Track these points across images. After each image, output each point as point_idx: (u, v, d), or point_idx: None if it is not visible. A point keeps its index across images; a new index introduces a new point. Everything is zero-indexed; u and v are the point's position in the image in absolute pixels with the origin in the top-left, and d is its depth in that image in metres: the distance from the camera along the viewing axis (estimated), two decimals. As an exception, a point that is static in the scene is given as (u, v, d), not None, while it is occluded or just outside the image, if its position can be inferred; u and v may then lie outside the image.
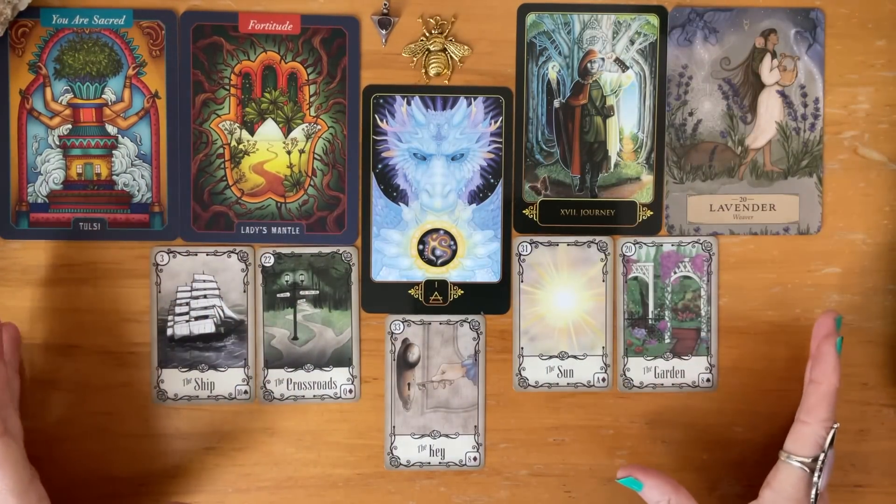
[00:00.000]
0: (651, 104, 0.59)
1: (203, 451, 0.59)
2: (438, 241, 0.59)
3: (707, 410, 0.60)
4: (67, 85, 0.57)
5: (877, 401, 0.60)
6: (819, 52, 0.59)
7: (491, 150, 0.59)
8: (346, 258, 0.59)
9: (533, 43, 0.58)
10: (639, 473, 0.54)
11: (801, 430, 0.51)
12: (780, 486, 0.51)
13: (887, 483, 0.60)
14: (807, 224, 0.60)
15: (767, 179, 0.59)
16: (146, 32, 0.57)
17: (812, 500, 0.50)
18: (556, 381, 0.59)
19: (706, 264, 0.60)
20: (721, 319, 0.60)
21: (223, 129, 0.58)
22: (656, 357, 0.60)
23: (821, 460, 0.50)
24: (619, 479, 0.54)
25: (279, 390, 0.59)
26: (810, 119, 0.59)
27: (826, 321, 0.53)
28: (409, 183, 0.59)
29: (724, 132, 0.59)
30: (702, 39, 0.59)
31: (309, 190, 0.58)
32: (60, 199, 0.58)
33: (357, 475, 0.59)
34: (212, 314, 0.58)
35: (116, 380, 0.58)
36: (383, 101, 0.58)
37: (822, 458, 0.50)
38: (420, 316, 0.59)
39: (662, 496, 0.53)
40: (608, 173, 0.59)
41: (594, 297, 0.59)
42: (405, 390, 0.59)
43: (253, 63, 0.58)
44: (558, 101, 0.59)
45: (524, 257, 0.59)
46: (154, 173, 0.58)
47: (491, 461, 0.60)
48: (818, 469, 0.50)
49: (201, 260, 0.58)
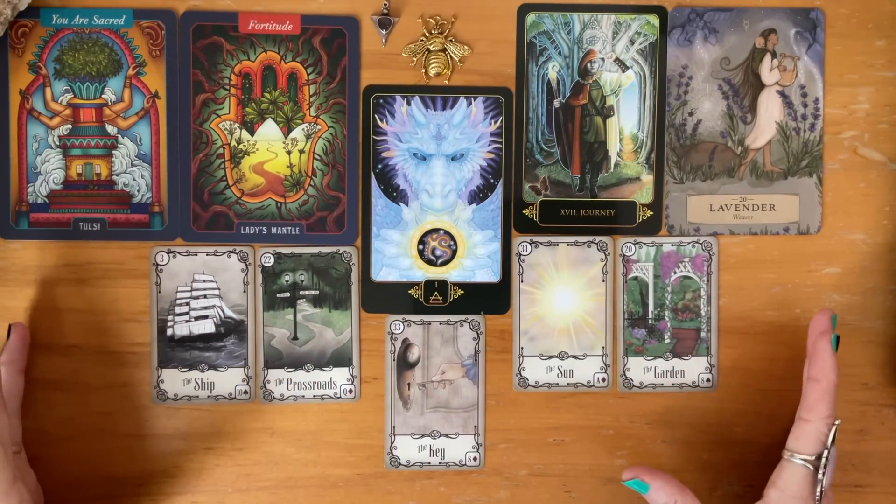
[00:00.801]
0: (651, 104, 0.59)
1: (203, 451, 0.59)
2: (438, 241, 0.59)
3: (707, 410, 0.60)
4: (67, 85, 0.57)
5: (877, 401, 0.60)
6: (819, 52, 0.59)
7: (491, 150, 0.59)
8: (346, 258, 0.59)
9: (533, 43, 0.58)
10: (645, 475, 0.54)
11: (803, 429, 0.51)
12: (784, 485, 0.51)
13: (887, 483, 0.60)
14: (807, 224, 0.60)
15: (767, 179, 0.59)
16: (146, 32, 0.57)
17: (817, 498, 0.51)
18: (556, 381, 0.59)
19: (706, 264, 0.60)
20: (721, 319, 0.60)
21: (223, 129, 0.58)
22: (656, 357, 0.60)
23: (825, 457, 0.51)
24: (625, 481, 0.54)
25: (279, 390, 0.59)
26: (810, 119, 0.59)
27: (821, 319, 0.53)
28: (409, 183, 0.59)
29: (724, 132, 0.59)
30: (702, 39, 0.59)
31: (309, 190, 0.58)
32: (60, 199, 0.58)
33: (357, 475, 0.59)
34: (212, 314, 0.58)
35: (116, 380, 0.58)
36: (383, 101, 0.58)
37: (826, 455, 0.51)
38: (420, 316, 0.59)
39: (668, 498, 0.53)
40: (608, 173, 0.59)
41: (594, 297, 0.59)
42: (405, 390, 0.59)
43: (253, 63, 0.58)
44: (558, 101, 0.59)
45: (524, 257, 0.59)
46: (154, 173, 0.58)
47: (491, 461, 0.60)
48: (822, 466, 0.51)
49: (201, 260, 0.58)
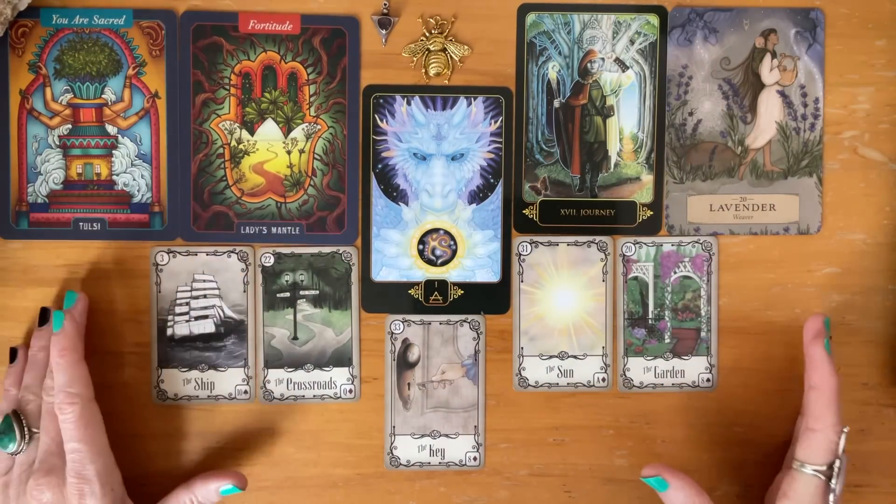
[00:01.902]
0: (651, 104, 0.59)
1: (203, 451, 0.59)
2: (438, 240, 0.59)
3: (707, 410, 0.60)
4: (67, 85, 0.57)
5: (877, 401, 0.60)
6: (819, 52, 0.59)
7: (491, 150, 0.59)
8: (346, 258, 0.59)
9: (533, 43, 0.58)
10: (667, 474, 0.53)
11: (812, 438, 0.51)
12: (797, 497, 0.51)
13: (887, 483, 0.60)
14: (807, 224, 0.60)
15: (767, 179, 0.59)
16: (146, 32, 0.57)
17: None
18: (556, 381, 0.59)
19: (706, 264, 0.60)
20: (721, 319, 0.60)
21: (223, 129, 0.58)
22: (656, 357, 0.60)
23: (837, 466, 0.50)
24: (645, 478, 0.54)
25: (279, 390, 0.59)
26: (810, 119, 0.59)
27: (814, 323, 0.53)
28: (409, 183, 0.59)
29: (724, 132, 0.59)
30: (702, 39, 0.59)
31: (309, 190, 0.58)
32: (60, 199, 0.58)
33: (357, 475, 0.59)
34: (212, 314, 0.58)
35: (116, 380, 0.58)
36: (383, 100, 0.58)
37: (839, 465, 0.50)
38: (420, 316, 0.59)
39: (687, 499, 0.52)
40: (608, 173, 0.59)
41: (594, 297, 0.59)
42: (405, 390, 0.59)
43: (253, 63, 0.58)
44: (558, 101, 0.59)
45: (524, 257, 0.59)
46: (154, 173, 0.58)
47: (491, 461, 0.60)
48: (835, 475, 0.50)
49: (201, 260, 0.58)
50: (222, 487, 0.54)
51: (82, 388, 0.52)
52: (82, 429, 0.51)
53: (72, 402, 0.51)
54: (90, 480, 0.51)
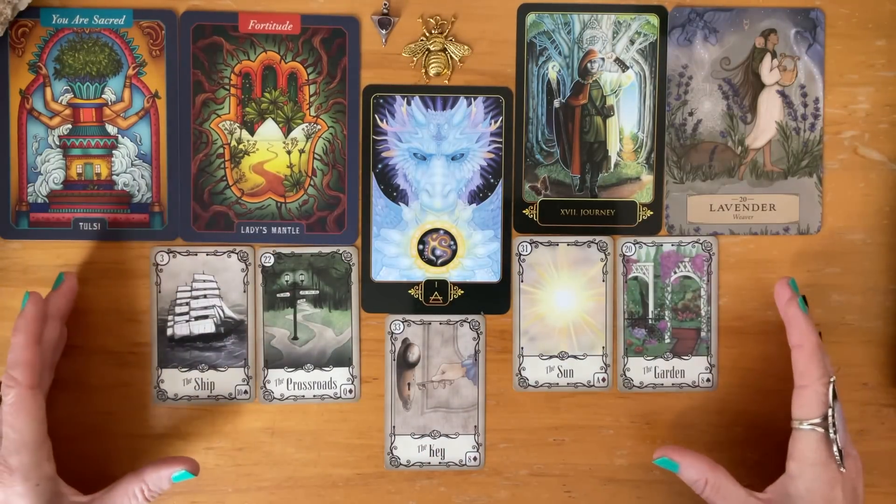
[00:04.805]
0: (651, 104, 0.59)
1: (203, 451, 0.59)
2: (438, 240, 0.59)
3: (707, 410, 0.60)
4: (67, 85, 0.57)
5: (877, 401, 0.60)
6: (819, 52, 0.59)
7: (491, 150, 0.59)
8: (346, 258, 0.59)
9: (533, 43, 0.58)
10: (674, 454, 0.54)
11: (802, 395, 0.52)
12: (801, 455, 0.51)
13: (887, 483, 0.60)
14: (807, 224, 0.60)
15: (767, 179, 0.59)
16: (146, 32, 0.57)
17: (837, 458, 0.51)
18: (556, 381, 0.59)
19: (706, 264, 0.60)
20: (721, 319, 0.60)
21: (223, 129, 0.58)
22: (656, 357, 0.60)
23: (831, 416, 0.51)
24: (655, 460, 0.55)
25: (279, 390, 0.59)
26: (810, 119, 0.59)
27: (782, 288, 0.55)
28: (409, 183, 0.59)
29: (724, 132, 0.59)
30: (702, 39, 0.59)
31: (309, 190, 0.58)
32: (60, 199, 0.58)
33: (357, 475, 0.59)
34: (212, 314, 0.58)
35: (116, 380, 0.58)
36: (383, 100, 0.58)
37: (832, 414, 0.51)
38: (420, 316, 0.59)
39: (700, 475, 0.53)
40: (608, 173, 0.59)
41: (594, 297, 0.59)
42: (405, 390, 0.59)
43: (253, 63, 0.58)
44: (558, 101, 0.59)
45: (524, 257, 0.59)
46: (154, 173, 0.58)
47: (491, 461, 0.60)
48: (831, 425, 0.51)
49: (201, 260, 0.58)
50: (174, 473, 0.53)
51: (24, 375, 0.50)
52: (12, 416, 0.49)
53: (9, 386, 0.50)
54: (12, 470, 0.49)
